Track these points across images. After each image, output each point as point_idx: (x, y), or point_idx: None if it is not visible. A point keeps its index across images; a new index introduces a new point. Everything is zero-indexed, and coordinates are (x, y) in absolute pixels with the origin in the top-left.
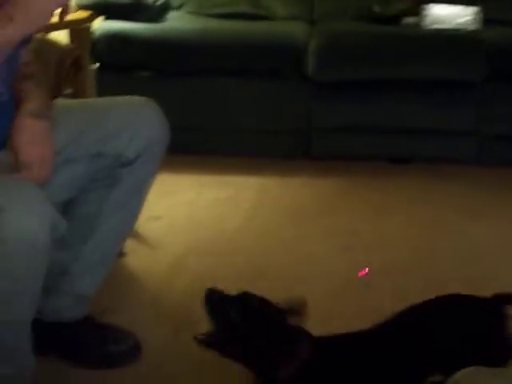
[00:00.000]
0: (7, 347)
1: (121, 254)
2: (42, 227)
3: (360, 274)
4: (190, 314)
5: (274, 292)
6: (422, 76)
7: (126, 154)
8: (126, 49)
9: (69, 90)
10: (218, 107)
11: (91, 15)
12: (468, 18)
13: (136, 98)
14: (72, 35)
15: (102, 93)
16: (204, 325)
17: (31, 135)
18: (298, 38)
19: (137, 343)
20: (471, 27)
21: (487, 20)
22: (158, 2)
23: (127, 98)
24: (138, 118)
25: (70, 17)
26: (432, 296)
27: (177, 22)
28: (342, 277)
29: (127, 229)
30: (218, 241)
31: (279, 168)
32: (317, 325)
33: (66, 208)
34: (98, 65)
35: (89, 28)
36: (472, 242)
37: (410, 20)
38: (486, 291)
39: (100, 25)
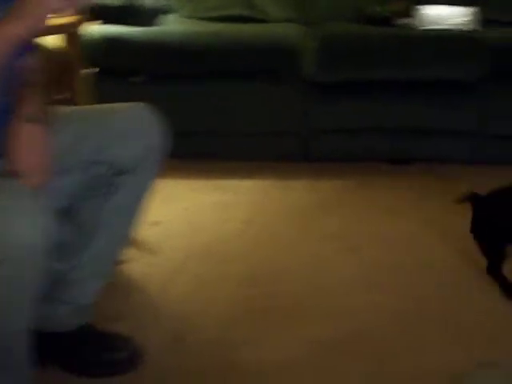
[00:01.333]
0: (5, 357)
1: (120, 261)
2: (37, 233)
3: None
4: (189, 321)
5: (279, 295)
6: (420, 76)
7: (124, 161)
8: (119, 53)
9: (64, 95)
10: (214, 111)
11: (82, 19)
12: (462, 18)
13: (134, 105)
14: (64, 40)
15: (101, 97)
16: (204, 331)
17: (28, 140)
18: (293, 39)
19: (137, 350)
20: (466, 28)
21: (484, 20)
22: (151, 6)
23: (125, 104)
24: (136, 125)
25: (60, 21)
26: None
27: (171, 25)
28: (349, 277)
29: (126, 236)
30: (218, 245)
31: (278, 171)
32: (325, 324)
33: (64, 216)
34: (97, 70)
35: (81, 32)
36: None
37: (403, 21)
38: None
39: (96, 29)
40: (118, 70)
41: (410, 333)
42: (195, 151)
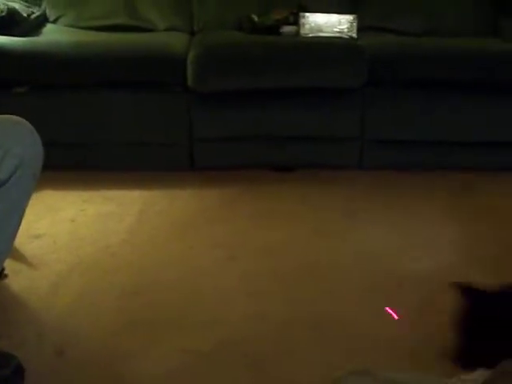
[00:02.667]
0: None
1: (1, 276)
2: None
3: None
4: (74, 333)
5: (161, 305)
6: (303, 84)
7: None
8: (1, 64)
9: None
10: (99, 121)
11: None
12: (344, 26)
13: (7, 117)
14: None
15: None
16: (87, 343)
17: None
18: (178, 48)
19: (19, 366)
20: (348, 35)
21: (362, 28)
22: (34, 16)
23: None
24: (8, 137)
25: None
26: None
27: (53, 35)
28: (228, 287)
29: (4, 251)
30: (102, 257)
31: (163, 181)
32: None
33: None
34: None
35: None
36: (357, 246)
37: (288, 29)
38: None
39: None
40: (0, 81)
41: (288, 340)
42: (80, 162)
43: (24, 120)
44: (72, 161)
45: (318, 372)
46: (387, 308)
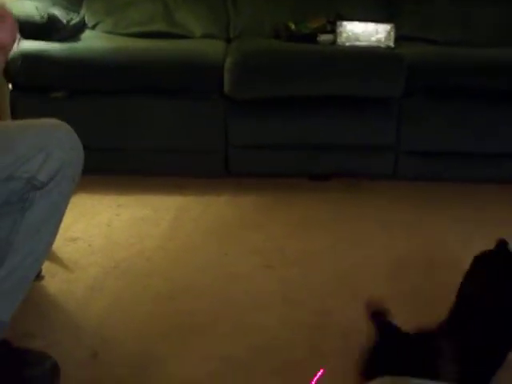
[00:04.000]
0: None
1: (38, 277)
2: None
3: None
4: (108, 336)
5: (196, 311)
6: (339, 92)
7: (38, 176)
8: (39, 69)
9: None
10: (136, 127)
11: None
12: (382, 35)
13: (48, 121)
14: None
15: (16, 114)
16: (121, 347)
17: None
18: (215, 55)
19: (54, 366)
20: (385, 44)
21: (399, 37)
22: (73, 22)
23: (40, 120)
24: (50, 140)
25: None
26: (356, 313)
27: (91, 41)
28: (262, 293)
29: (43, 253)
30: (137, 261)
31: (199, 187)
32: (238, 340)
33: None
34: (10, 86)
35: None
36: (393, 255)
37: (325, 38)
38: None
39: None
40: (38, 86)
41: (320, 348)
42: (116, 167)
43: (66, 124)
44: (108, 165)
45: (349, 381)
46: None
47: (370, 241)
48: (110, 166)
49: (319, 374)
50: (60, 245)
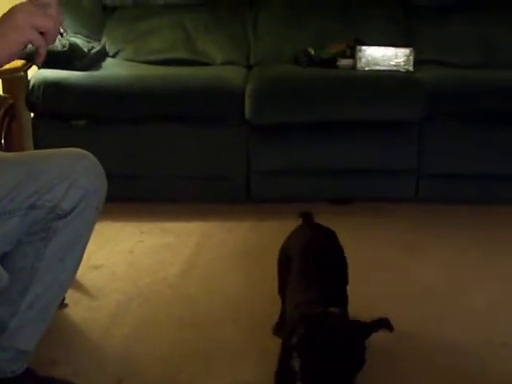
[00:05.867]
0: None
1: (62, 305)
2: None
3: None
4: (132, 363)
5: (219, 338)
6: (360, 117)
7: (62, 205)
8: (61, 97)
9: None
10: (156, 154)
11: (25, 64)
12: (401, 59)
13: (72, 150)
14: (5, 84)
15: (38, 142)
16: (145, 374)
17: None
18: (236, 82)
19: None
20: (405, 68)
21: (418, 61)
22: (94, 50)
23: (63, 149)
24: (74, 169)
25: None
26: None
27: (112, 69)
28: None
29: (66, 282)
30: (160, 288)
31: (221, 213)
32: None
33: (1, 262)
34: (32, 114)
35: (23, 77)
36: (414, 279)
37: (345, 62)
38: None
39: (35, 73)
40: (59, 115)
41: None
42: (138, 194)
43: (89, 153)
44: (130, 193)
45: None
46: None
47: (392, 264)
48: (133, 193)
49: None
50: (83, 272)
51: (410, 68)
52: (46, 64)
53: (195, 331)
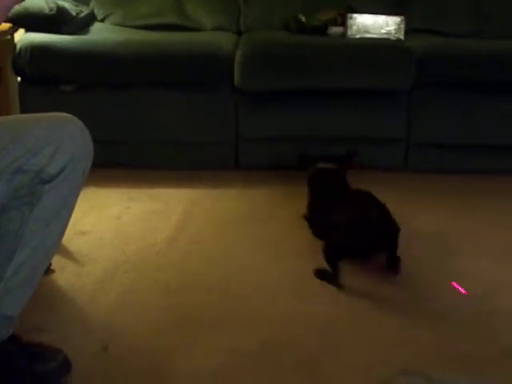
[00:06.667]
0: None
1: (48, 271)
2: None
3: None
4: (119, 330)
5: (206, 304)
6: (349, 85)
7: (48, 169)
8: (48, 61)
9: None
10: (145, 120)
11: (12, 27)
12: (392, 27)
13: (58, 114)
14: None
15: (24, 107)
16: (131, 340)
17: None
18: (225, 48)
19: (66, 360)
20: (395, 36)
21: (409, 29)
22: (82, 14)
23: (49, 114)
24: (60, 133)
25: None
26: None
27: (100, 33)
28: (272, 285)
29: (52, 247)
30: (147, 255)
31: (209, 180)
32: (247, 333)
33: None
34: (19, 79)
35: (10, 40)
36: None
37: (335, 30)
38: None
39: (21, 37)
40: (47, 79)
41: (331, 340)
42: (126, 160)
43: (76, 118)
44: (118, 159)
45: (362, 372)
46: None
47: None
48: (120, 159)
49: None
50: (70, 238)
51: (401, 36)
52: (33, 27)
53: (182, 298)
